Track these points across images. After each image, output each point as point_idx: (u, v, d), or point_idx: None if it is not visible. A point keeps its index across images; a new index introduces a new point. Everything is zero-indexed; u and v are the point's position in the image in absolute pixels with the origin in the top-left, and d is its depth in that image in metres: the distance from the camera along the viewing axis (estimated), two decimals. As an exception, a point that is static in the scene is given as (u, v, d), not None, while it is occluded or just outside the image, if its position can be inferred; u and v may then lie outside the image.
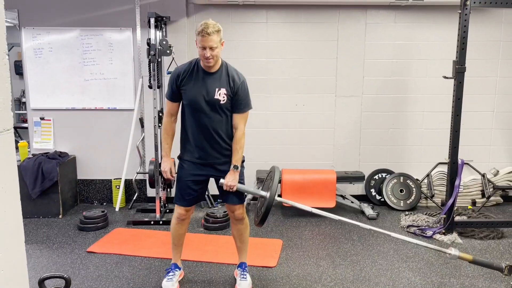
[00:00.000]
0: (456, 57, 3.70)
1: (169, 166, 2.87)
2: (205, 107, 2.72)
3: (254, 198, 4.66)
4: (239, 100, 2.75)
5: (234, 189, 2.77)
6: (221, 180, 2.77)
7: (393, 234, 2.90)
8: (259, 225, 2.81)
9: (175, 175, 2.91)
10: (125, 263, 3.38)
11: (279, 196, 2.54)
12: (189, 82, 2.75)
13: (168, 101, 2.85)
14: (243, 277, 2.99)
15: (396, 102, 4.85)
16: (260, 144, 4.85)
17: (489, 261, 3.01)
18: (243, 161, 2.86)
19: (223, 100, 2.72)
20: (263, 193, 2.77)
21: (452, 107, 3.78)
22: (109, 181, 4.83)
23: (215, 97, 2.71)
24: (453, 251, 2.79)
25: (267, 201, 2.67)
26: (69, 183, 4.65)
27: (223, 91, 2.71)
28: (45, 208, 4.39)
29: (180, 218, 2.93)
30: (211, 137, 2.77)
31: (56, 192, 4.38)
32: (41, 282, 2.76)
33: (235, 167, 2.77)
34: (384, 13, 4.71)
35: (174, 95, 2.80)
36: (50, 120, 4.76)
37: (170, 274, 3.00)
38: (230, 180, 2.76)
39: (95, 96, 4.73)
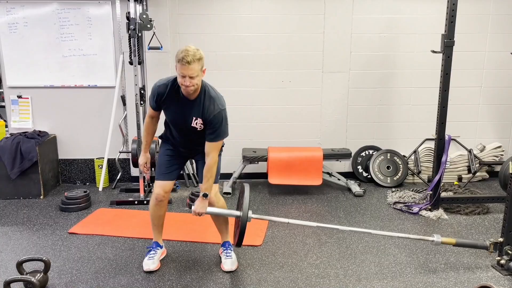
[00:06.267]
0: (445, 31, 3.62)
1: (145, 160, 2.99)
2: (184, 129, 2.76)
3: (240, 176, 4.61)
4: (212, 129, 2.67)
5: (203, 215, 2.75)
6: (192, 207, 2.74)
7: (373, 232, 3.03)
8: (237, 246, 2.80)
9: (148, 171, 3.05)
10: (108, 244, 3.31)
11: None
12: (169, 106, 2.72)
13: (150, 107, 2.81)
14: (228, 255, 2.98)
15: (383, 78, 4.77)
16: (246, 122, 4.76)
17: (472, 242, 3.05)
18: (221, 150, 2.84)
19: (200, 128, 2.71)
20: (236, 213, 2.76)
21: (440, 82, 3.72)
22: (92, 160, 4.72)
23: (192, 125, 2.70)
24: (435, 237, 2.92)
25: (240, 222, 2.66)
26: (49, 163, 4.52)
27: (199, 120, 2.68)
28: (26, 189, 4.28)
29: (158, 199, 2.89)
30: (193, 143, 2.85)
31: (36, 173, 4.26)
32: (19, 265, 2.70)
33: (205, 195, 2.71)
34: (372, -15, 4.59)
35: (156, 106, 2.77)
36: (28, 98, 4.59)
37: (152, 252, 2.97)
38: (198, 208, 2.73)
39: (75, 73, 4.57)
